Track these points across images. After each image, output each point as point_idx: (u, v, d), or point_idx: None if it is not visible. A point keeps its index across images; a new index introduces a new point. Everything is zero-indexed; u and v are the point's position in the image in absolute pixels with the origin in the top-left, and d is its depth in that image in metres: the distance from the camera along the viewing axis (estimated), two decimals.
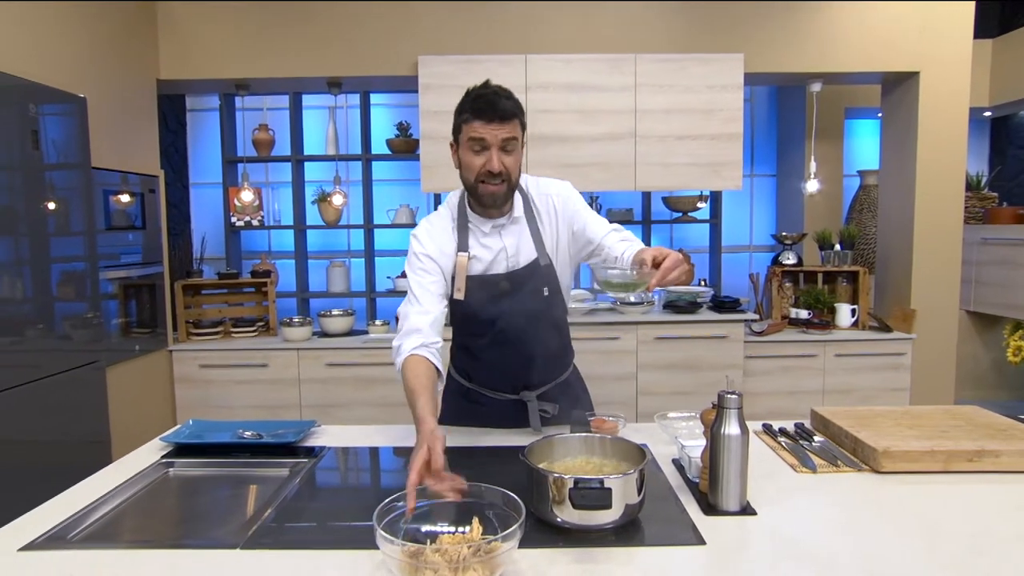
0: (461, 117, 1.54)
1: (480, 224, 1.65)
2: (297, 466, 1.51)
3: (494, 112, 1.48)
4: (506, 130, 1.50)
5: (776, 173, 5.03)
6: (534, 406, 1.72)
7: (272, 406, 3.66)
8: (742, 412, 1.27)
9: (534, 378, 1.73)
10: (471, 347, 1.73)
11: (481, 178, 1.53)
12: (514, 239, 1.65)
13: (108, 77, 3.20)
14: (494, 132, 1.49)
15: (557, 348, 1.77)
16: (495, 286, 1.62)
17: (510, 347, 1.66)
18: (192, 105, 4.72)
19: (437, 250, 1.63)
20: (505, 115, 1.49)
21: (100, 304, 2.95)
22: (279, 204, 4.63)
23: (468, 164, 1.54)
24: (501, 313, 1.63)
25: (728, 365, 3.62)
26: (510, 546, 1.01)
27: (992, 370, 4.81)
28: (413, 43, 3.67)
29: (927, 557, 1.08)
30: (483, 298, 1.62)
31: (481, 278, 1.63)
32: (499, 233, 1.65)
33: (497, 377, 1.73)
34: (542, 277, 1.66)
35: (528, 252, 1.65)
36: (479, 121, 1.49)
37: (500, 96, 1.50)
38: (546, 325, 1.69)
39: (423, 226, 1.69)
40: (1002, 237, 4.38)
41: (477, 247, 1.64)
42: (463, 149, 1.55)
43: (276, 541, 1.16)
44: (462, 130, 1.54)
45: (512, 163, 1.54)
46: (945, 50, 3.70)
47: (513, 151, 1.54)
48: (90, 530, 1.24)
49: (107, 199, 3.14)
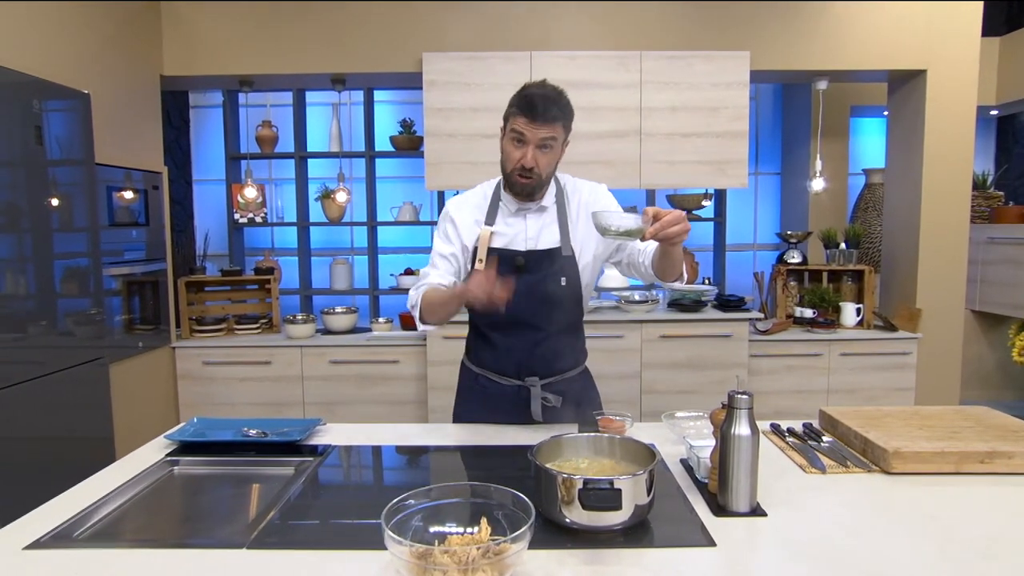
0: (510, 108, 1.66)
1: (508, 204, 1.76)
2: (303, 465, 1.50)
3: (535, 114, 1.59)
4: (546, 131, 1.61)
5: (781, 171, 5.01)
6: (536, 392, 1.74)
7: (275, 403, 3.66)
8: (752, 412, 1.26)
9: (540, 365, 1.75)
10: (483, 328, 1.79)
11: (515, 170, 1.65)
12: (536, 225, 1.75)
13: (112, 73, 3.19)
14: (534, 131, 1.60)
15: (568, 342, 1.80)
16: (511, 261, 1.71)
17: (521, 329, 1.72)
18: (195, 102, 4.71)
19: (466, 218, 1.76)
20: (547, 119, 1.59)
21: (103, 301, 2.94)
22: (282, 201, 4.62)
23: (507, 154, 1.67)
24: (516, 290, 1.65)
25: (733, 364, 3.61)
26: (520, 547, 0.99)
27: (997, 370, 4.79)
28: (417, 40, 3.66)
29: (939, 561, 1.07)
30: (501, 271, 1.66)
31: (501, 251, 1.72)
32: (524, 216, 1.75)
33: (504, 359, 1.76)
34: (562, 266, 1.72)
35: (550, 239, 1.74)
36: (523, 118, 1.61)
37: (548, 100, 1.60)
38: (560, 315, 1.73)
39: (458, 196, 1.85)
40: (1008, 236, 4.35)
41: (501, 224, 1.75)
42: (506, 138, 1.68)
43: (282, 541, 1.15)
44: (508, 120, 1.66)
45: (546, 161, 1.65)
46: (952, 48, 3.67)
47: (550, 150, 1.64)
48: (95, 528, 1.23)
49: (110, 195, 3.13)
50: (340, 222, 4.36)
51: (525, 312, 1.70)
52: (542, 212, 1.75)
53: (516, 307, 1.68)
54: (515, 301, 1.67)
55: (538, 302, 1.70)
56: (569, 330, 1.80)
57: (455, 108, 3.59)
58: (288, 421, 1.76)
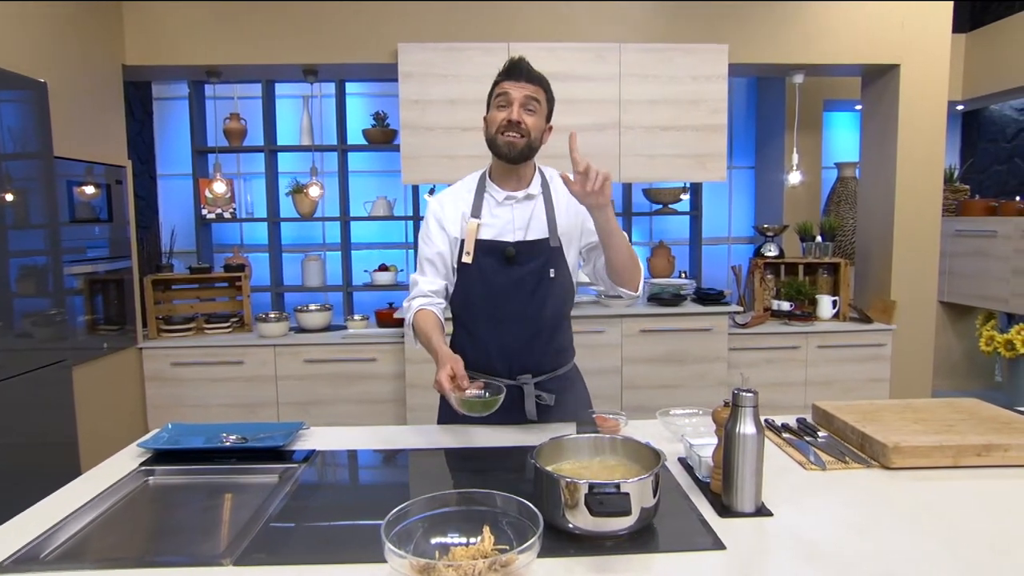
0: (494, 82, 1.65)
1: (495, 193, 1.71)
2: (287, 472, 1.43)
3: (520, 73, 1.61)
4: (529, 90, 1.60)
5: (755, 165, 5.04)
6: (530, 390, 1.70)
7: (248, 404, 3.54)
8: (757, 410, 1.23)
9: (532, 362, 1.71)
10: (470, 324, 1.74)
11: (501, 129, 1.61)
12: (525, 214, 1.70)
13: (70, 61, 3.04)
14: (518, 89, 1.60)
15: (558, 337, 1.76)
16: (501, 252, 1.66)
17: (510, 324, 1.68)
18: (159, 93, 4.54)
19: (451, 213, 1.71)
20: (530, 77, 1.61)
21: (65, 300, 2.80)
22: (251, 196, 4.48)
23: (492, 119, 1.64)
24: (505, 284, 1.66)
25: (713, 358, 3.61)
26: (528, 559, 0.95)
27: (964, 360, 4.89)
28: (393, 30, 3.56)
29: (951, 558, 1.05)
30: (489, 264, 1.67)
31: (489, 243, 1.68)
32: (511, 206, 1.70)
33: (495, 357, 1.71)
34: (550, 258, 1.68)
35: (538, 229, 1.70)
36: (507, 81, 1.61)
37: (528, 64, 1.63)
38: (549, 309, 1.69)
39: (441, 193, 1.79)
40: (975, 229, 4.44)
41: (488, 216, 1.70)
42: (491, 109, 1.65)
43: (271, 556, 1.07)
44: (493, 92, 1.65)
45: (532, 123, 1.61)
46: (925, 43, 3.72)
47: (534, 112, 1.62)
48: (65, 548, 1.14)
49: (71, 190, 2.99)
50: (312, 217, 4.24)
51: (516, 304, 1.66)
52: (529, 200, 1.71)
53: (507, 301, 1.67)
54: (505, 294, 1.66)
55: (528, 294, 1.66)
56: (559, 325, 1.76)
57: (432, 100, 3.51)
58: (269, 425, 1.69)
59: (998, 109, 5.04)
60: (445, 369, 1.43)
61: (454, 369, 1.43)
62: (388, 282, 4.20)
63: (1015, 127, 4.89)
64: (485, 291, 1.67)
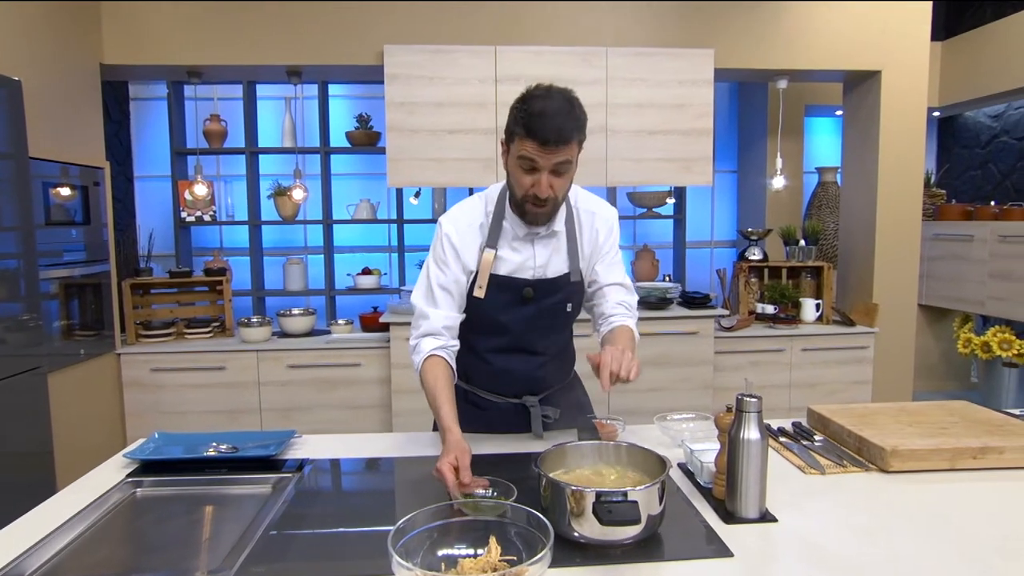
0: (514, 128, 1.39)
1: (515, 227, 1.54)
2: (281, 482, 1.39)
3: (547, 137, 1.34)
4: (561, 154, 1.37)
5: (737, 169, 5.08)
6: (537, 412, 1.65)
7: (230, 411, 3.47)
8: (761, 416, 1.23)
9: (538, 385, 1.68)
10: (479, 348, 1.63)
11: (527, 199, 1.44)
12: (546, 252, 1.56)
13: (46, 59, 2.96)
14: (547, 157, 1.36)
15: (565, 358, 1.74)
16: (518, 291, 1.54)
17: (522, 355, 1.61)
18: (136, 94, 4.45)
19: (467, 242, 1.53)
20: (561, 140, 1.34)
21: (40, 305, 2.72)
22: (232, 198, 4.41)
23: (517, 180, 1.44)
24: (519, 320, 1.56)
25: (699, 361, 3.62)
26: (539, 571, 0.92)
27: (942, 362, 4.98)
28: (379, 31, 3.52)
29: (960, 562, 1.05)
30: (504, 301, 1.55)
31: (506, 279, 1.54)
32: (532, 242, 1.55)
33: (502, 382, 1.66)
34: (569, 293, 1.59)
35: (558, 266, 1.57)
36: (532, 142, 1.35)
37: (560, 118, 1.34)
38: (560, 337, 1.66)
39: (455, 212, 1.58)
40: (951, 233, 4.53)
41: (506, 249, 1.54)
42: (512, 161, 1.43)
43: (271, 569, 1.04)
44: (514, 140, 1.41)
45: (561, 185, 1.43)
46: (905, 50, 3.78)
47: (565, 173, 1.42)
48: (51, 565, 1.09)
49: (46, 192, 2.90)
50: (294, 220, 4.18)
51: (529, 339, 1.60)
52: (552, 237, 1.56)
53: (518, 336, 1.59)
54: (519, 328, 1.58)
55: (544, 329, 1.60)
56: (566, 347, 1.74)
57: (418, 103, 3.48)
58: (259, 434, 1.64)
59: (973, 116, 5.15)
60: (449, 458, 1.24)
61: (459, 461, 1.23)
62: (371, 286, 4.15)
63: (989, 133, 4.99)
64: (494, 325, 1.58)
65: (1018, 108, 4.72)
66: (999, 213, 4.25)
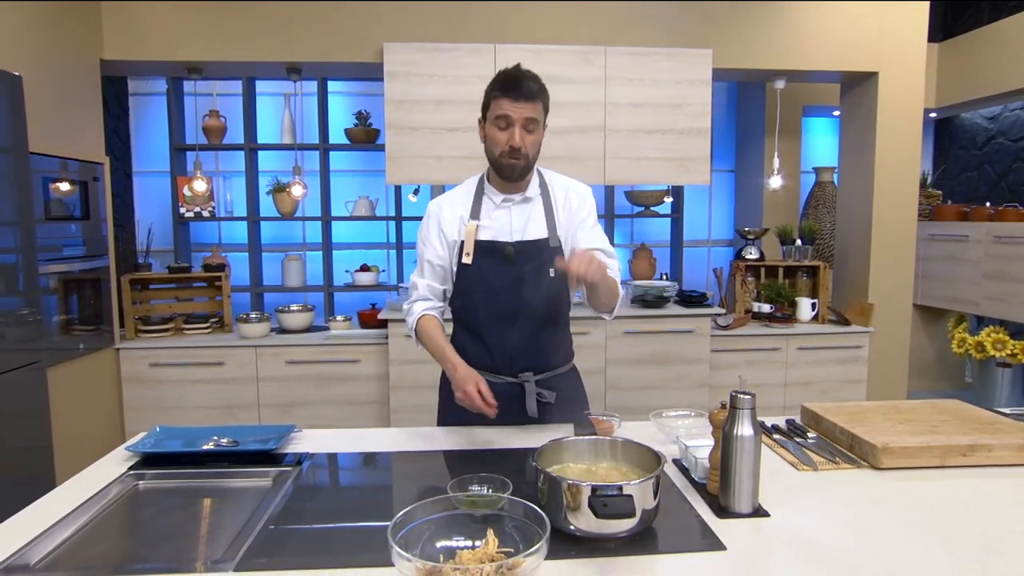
0: (491, 94, 1.64)
1: (493, 196, 1.74)
2: (281, 475, 1.41)
3: (519, 91, 1.59)
4: (529, 110, 1.60)
5: (735, 169, 5.11)
6: (531, 388, 1.71)
7: (229, 406, 3.49)
8: (755, 412, 1.25)
9: (533, 360, 1.74)
10: (474, 325, 1.75)
11: (504, 153, 1.63)
12: (522, 218, 1.74)
13: (47, 55, 2.96)
14: (519, 110, 1.60)
15: (559, 336, 1.81)
16: (501, 252, 1.70)
17: (512, 323, 1.70)
18: (135, 89, 4.45)
19: (449, 215, 1.74)
20: (530, 95, 1.60)
21: (39, 300, 2.73)
22: (231, 194, 4.42)
23: (494, 139, 1.65)
24: (506, 285, 1.69)
25: (696, 359, 3.65)
26: (535, 562, 0.94)
27: (936, 361, 5.01)
28: (378, 29, 3.53)
29: (947, 558, 1.07)
30: (489, 264, 1.69)
31: (489, 243, 1.71)
32: (508, 208, 1.74)
33: (497, 355, 1.73)
34: (550, 257, 1.69)
35: (537, 230, 1.73)
36: (506, 99, 1.60)
37: (527, 78, 1.62)
38: (549, 307, 1.73)
39: (441, 196, 1.82)
40: (947, 233, 4.56)
41: (487, 218, 1.73)
42: (490, 125, 1.65)
43: (272, 561, 1.06)
44: (490, 107, 1.64)
45: (531, 142, 1.64)
46: (902, 51, 3.80)
47: (534, 131, 1.64)
48: (57, 554, 1.11)
49: (46, 187, 2.91)
50: (292, 217, 4.19)
51: (516, 303, 1.69)
52: (527, 203, 1.75)
53: (508, 300, 1.69)
54: (507, 294, 1.69)
55: (529, 293, 1.69)
56: (559, 323, 1.80)
57: (417, 100, 3.49)
58: (260, 428, 1.66)
59: (969, 117, 5.18)
60: (471, 385, 1.52)
61: (480, 386, 1.51)
62: (370, 283, 4.17)
63: (985, 135, 5.02)
64: (485, 291, 1.70)
65: (1014, 110, 4.75)
66: (994, 214, 4.28)
